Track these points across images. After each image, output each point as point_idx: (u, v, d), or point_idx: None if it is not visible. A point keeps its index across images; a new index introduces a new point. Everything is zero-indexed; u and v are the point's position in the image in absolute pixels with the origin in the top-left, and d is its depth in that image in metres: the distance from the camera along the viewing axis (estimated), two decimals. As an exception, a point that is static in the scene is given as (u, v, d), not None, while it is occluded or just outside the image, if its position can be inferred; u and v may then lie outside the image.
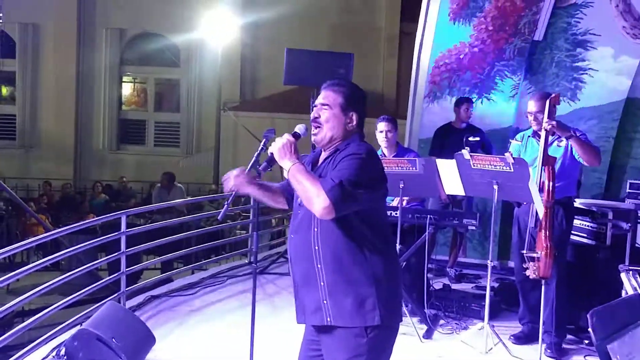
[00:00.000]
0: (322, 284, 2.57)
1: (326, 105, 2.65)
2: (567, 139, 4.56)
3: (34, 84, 18.11)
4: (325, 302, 2.57)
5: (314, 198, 2.42)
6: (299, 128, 2.70)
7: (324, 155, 2.71)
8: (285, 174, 2.54)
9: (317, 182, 2.46)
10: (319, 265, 2.57)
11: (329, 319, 2.57)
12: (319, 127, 2.66)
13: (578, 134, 4.64)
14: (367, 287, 2.55)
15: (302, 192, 2.48)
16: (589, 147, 4.58)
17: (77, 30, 17.88)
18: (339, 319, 2.55)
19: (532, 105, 4.73)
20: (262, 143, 2.97)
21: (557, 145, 4.69)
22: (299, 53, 6.30)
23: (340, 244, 2.55)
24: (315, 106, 2.69)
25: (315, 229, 2.57)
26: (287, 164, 2.52)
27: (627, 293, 4.63)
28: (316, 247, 2.57)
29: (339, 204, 2.41)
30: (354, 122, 2.67)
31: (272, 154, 2.59)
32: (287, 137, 2.58)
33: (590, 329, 2.30)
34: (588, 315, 2.29)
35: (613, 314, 2.37)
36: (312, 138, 2.69)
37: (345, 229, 2.54)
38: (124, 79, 19.06)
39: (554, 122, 4.46)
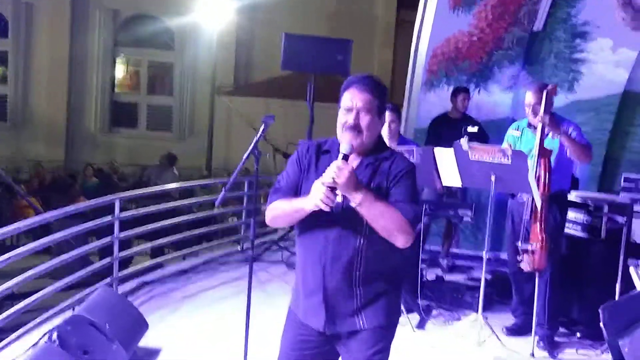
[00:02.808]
0: (358, 290, 2.49)
1: (367, 109, 2.47)
2: (558, 135, 4.55)
3: (27, 64, 17.92)
4: (359, 307, 2.51)
5: (399, 232, 2.37)
6: (345, 149, 2.41)
7: (353, 157, 2.46)
8: (353, 205, 2.35)
9: (396, 212, 2.37)
10: (357, 272, 2.48)
11: (362, 323, 2.52)
12: (357, 133, 2.46)
13: (572, 129, 4.63)
14: (395, 286, 2.58)
15: (381, 226, 2.37)
16: (578, 146, 4.59)
17: (71, 10, 17.66)
18: (370, 322, 2.52)
19: (530, 97, 4.71)
20: (260, 129, 2.91)
21: (552, 138, 4.67)
22: (297, 38, 6.22)
23: (382, 250, 2.47)
24: (348, 110, 2.48)
25: (362, 240, 2.45)
26: (357, 197, 2.33)
27: (621, 287, 4.65)
28: (359, 257, 2.46)
29: (415, 230, 2.41)
30: (382, 125, 2.59)
31: (329, 185, 2.32)
32: (344, 166, 2.31)
33: (602, 325, 2.28)
34: (600, 311, 2.27)
35: (624, 309, 2.36)
36: (347, 143, 2.43)
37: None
38: (117, 61, 18.89)
39: (546, 118, 4.45)
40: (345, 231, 2.45)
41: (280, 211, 2.53)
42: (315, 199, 2.33)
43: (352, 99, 2.48)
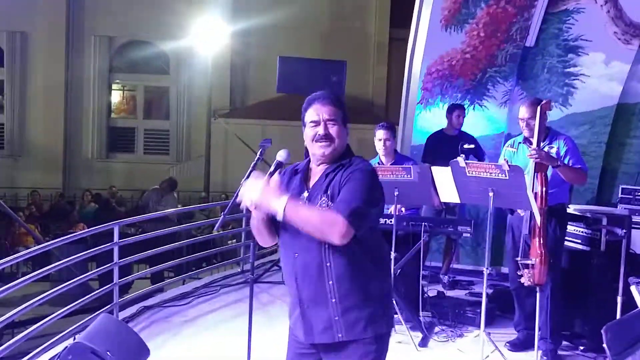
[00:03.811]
0: (333, 300, 2.53)
1: (333, 120, 2.60)
2: (555, 168, 4.58)
3: (23, 92, 17.99)
4: (336, 318, 2.53)
5: (330, 228, 2.39)
6: (281, 155, 2.61)
7: (320, 169, 2.64)
8: (279, 217, 2.42)
9: (324, 212, 2.43)
10: (330, 282, 2.52)
11: (340, 335, 2.54)
12: (329, 142, 2.58)
13: (562, 141, 4.66)
14: (375, 297, 2.56)
15: (312, 228, 2.42)
16: (574, 172, 4.66)
17: (66, 38, 17.79)
18: (351, 334, 2.53)
19: (523, 112, 4.73)
20: (258, 153, 2.93)
21: (549, 152, 4.69)
22: (292, 61, 6.27)
23: (352, 257, 2.51)
24: (315, 123, 2.60)
25: (326, 245, 2.50)
26: (279, 205, 2.39)
27: (622, 299, 4.64)
28: (328, 264, 2.51)
29: (357, 226, 2.40)
30: (348, 135, 2.68)
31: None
32: (256, 182, 2.44)
33: (605, 345, 2.28)
34: (602, 331, 2.26)
35: (626, 328, 2.35)
36: (320, 151, 2.59)
37: (356, 242, 2.48)
38: (113, 86, 18.99)
39: (542, 154, 4.48)
40: (310, 242, 2.52)
41: (251, 225, 2.67)
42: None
43: (317, 113, 2.61)
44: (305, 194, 2.60)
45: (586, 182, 4.91)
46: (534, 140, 4.55)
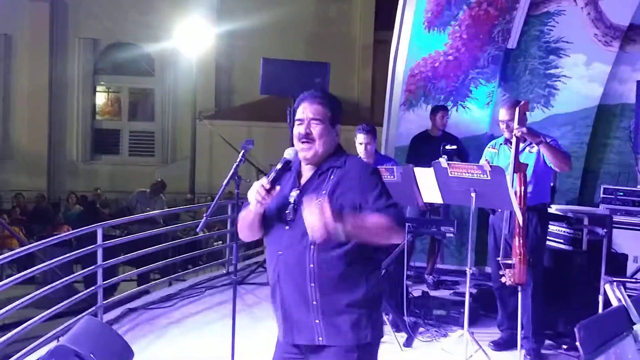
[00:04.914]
0: (314, 302, 2.45)
1: (317, 119, 2.54)
2: (537, 144, 4.60)
3: (6, 95, 17.86)
4: (317, 321, 2.46)
5: (394, 237, 2.47)
6: (289, 154, 2.55)
7: (309, 168, 2.58)
8: (342, 237, 2.34)
9: (378, 220, 2.39)
10: (312, 284, 2.45)
11: (320, 339, 2.47)
12: (309, 142, 2.52)
13: (548, 140, 4.69)
14: (361, 306, 2.48)
15: (377, 241, 2.46)
16: (558, 152, 4.63)
17: (50, 40, 17.68)
18: (332, 339, 2.47)
19: (503, 114, 4.77)
20: (240, 154, 2.94)
21: (529, 152, 4.73)
22: (276, 63, 6.29)
23: (337, 262, 2.45)
24: (300, 121, 2.56)
25: (312, 247, 2.44)
26: (340, 231, 2.31)
27: (603, 298, 4.70)
28: (311, 265, 2.44)
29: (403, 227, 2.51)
30: (339, 136, 2.61)
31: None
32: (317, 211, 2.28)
33: (578, 343, 2.31)
34: (575, 330, 2.29)
35: (599, 327, 2.38)
36: (302, 154, 2.54)
37: (344, 247, 2.44)
38: (98, 88, 18.90)
39: (524, 129, 4.50)
40: (295, 242, 2.48)
41: (240, 219, 2.62)
42: (250, 197, 2.47)
43: (303, 111, 2.56)
44: (295, 192, 2.54)
45: (570, 168, 4.89)
46: (513, 142, 4.58)
